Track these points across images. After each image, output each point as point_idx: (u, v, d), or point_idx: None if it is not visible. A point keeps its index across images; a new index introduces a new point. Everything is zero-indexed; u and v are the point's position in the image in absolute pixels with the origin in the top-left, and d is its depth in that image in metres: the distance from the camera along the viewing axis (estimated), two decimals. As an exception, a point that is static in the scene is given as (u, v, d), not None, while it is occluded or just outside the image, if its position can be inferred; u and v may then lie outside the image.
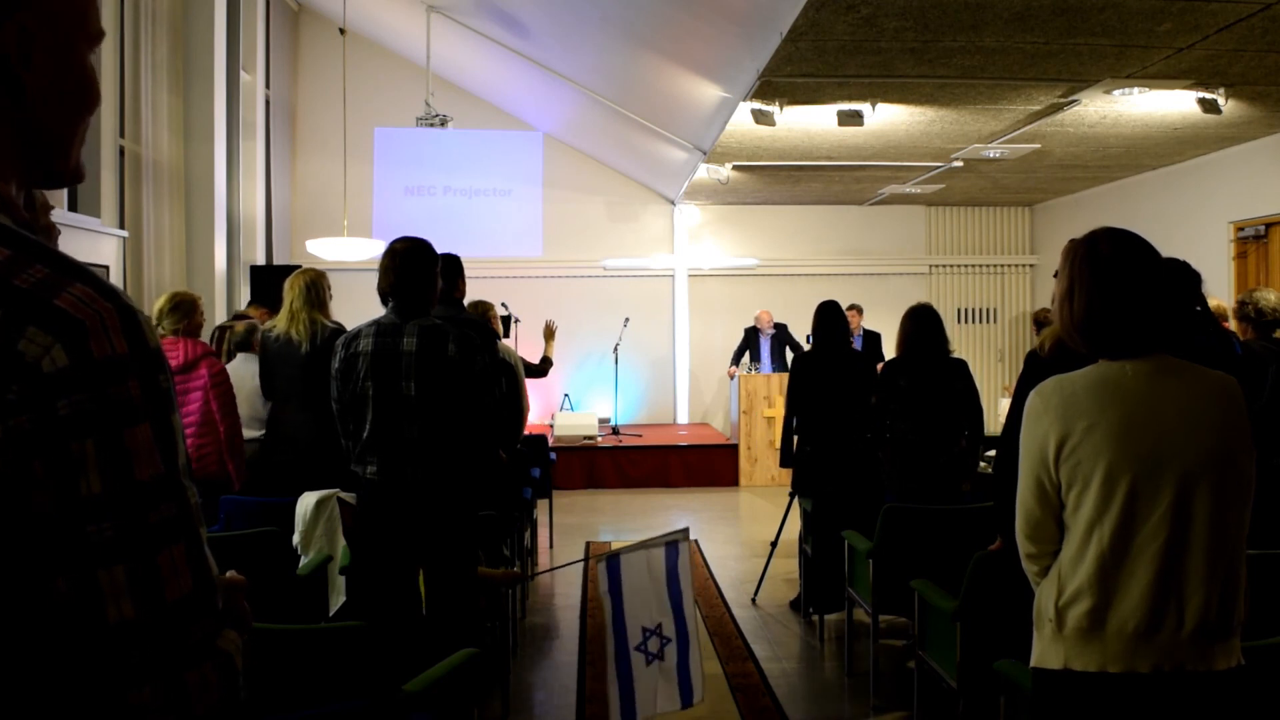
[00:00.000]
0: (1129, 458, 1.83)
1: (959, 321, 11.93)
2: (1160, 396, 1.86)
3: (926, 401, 4.70)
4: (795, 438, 5.41)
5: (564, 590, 6.07)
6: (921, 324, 4.76)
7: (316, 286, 4.46)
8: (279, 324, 4.44)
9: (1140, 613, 1.82)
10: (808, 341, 5.44)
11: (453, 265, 4.25)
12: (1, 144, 0.92)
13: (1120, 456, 1.83)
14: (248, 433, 4.95)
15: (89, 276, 0.87)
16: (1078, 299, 1.94)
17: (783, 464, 5.65)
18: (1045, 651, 1.92)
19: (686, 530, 2.93)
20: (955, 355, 4.90)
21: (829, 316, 5.37)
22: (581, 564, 6.39)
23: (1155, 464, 1.83)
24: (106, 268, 6.69)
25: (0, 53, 0.89)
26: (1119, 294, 1.89)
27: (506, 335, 7.98)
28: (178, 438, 0.90)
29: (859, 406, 5.22)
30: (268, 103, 9.95)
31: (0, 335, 0.81)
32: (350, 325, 3.58)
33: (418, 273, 3.33)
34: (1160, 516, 1.82)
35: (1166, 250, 2.10)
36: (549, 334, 6.86)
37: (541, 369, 6.45)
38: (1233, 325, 5.09)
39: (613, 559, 2.78)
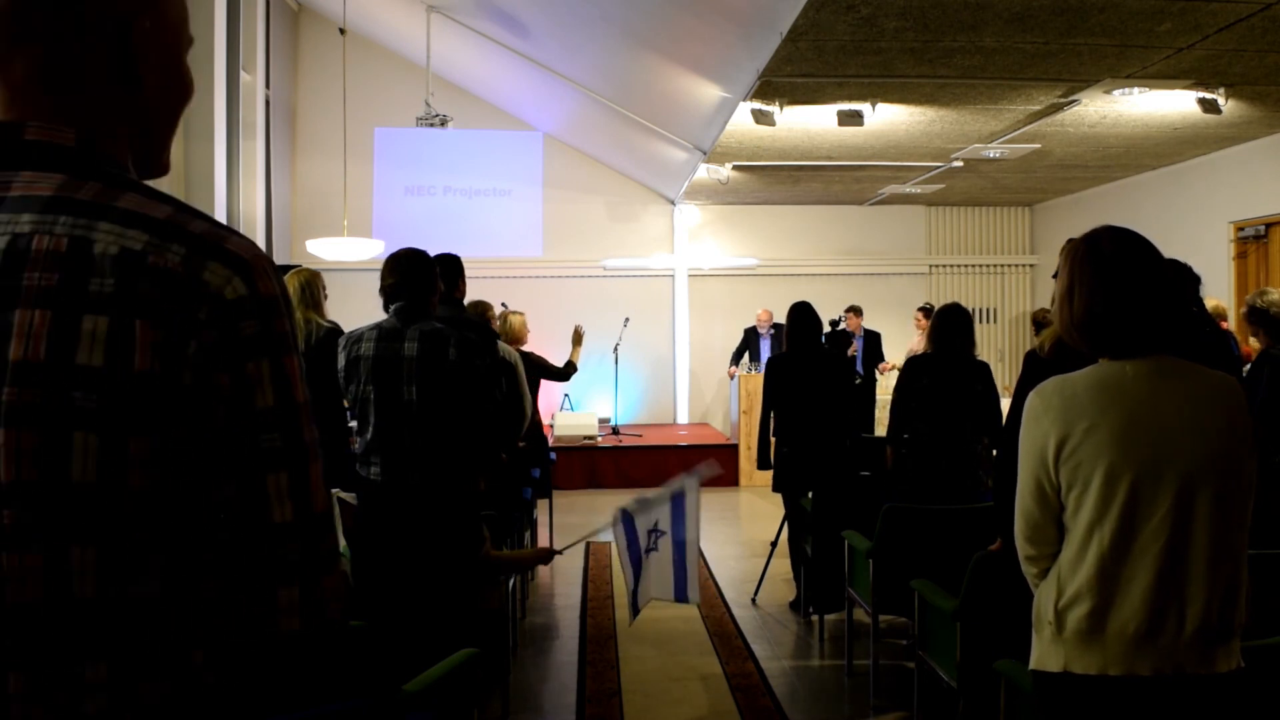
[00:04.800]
0: (1130, 459, 1.81)
1: (959, 321, 11.91)
2: (1161, 398, 1.85)
3: (946, 402, 4.70)
4: (773, 439, 5.45)
5: (564, 590, 6.07)
6: (950, 324, 4.73)
7: (311, 286, 4.47)
8: None
9: (1141, 615, 1.80)
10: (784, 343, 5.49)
11: (453, 265, 4.25)
12: (120, 132, 1.04)
13: (1121, 458, 1.82)
14: None
15: (240, 232, 1.02)
16: (1078, 297, 1.92)
17: (760, 466, 5.69)
18: (1045, 654, 1.90)
19: (698, 474, 2.98)
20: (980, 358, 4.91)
21: (801, 317, 5.41)
22: (606, 535, 6.39)
23: (1156, 466, 1.81)
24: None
25: (129, 50, 1.02)
26: (1120, 292, 1.87)
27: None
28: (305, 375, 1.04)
29: (834, 407, 5.26)
30: (268, 103, 9.94)
31: (186, 268, 0.95)
32: (348, 326, 3.59)
33: (419, 277, 3.35)
34: (1161, 519, 1.81)
35: (1167, 250, 2.09)
36: (578, 339, 6.76)
37: (565, 373, 6.39)
38: (1232, 325, 5.08)
39: (627, 517, 2.89)
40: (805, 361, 5.35)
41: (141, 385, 0.92)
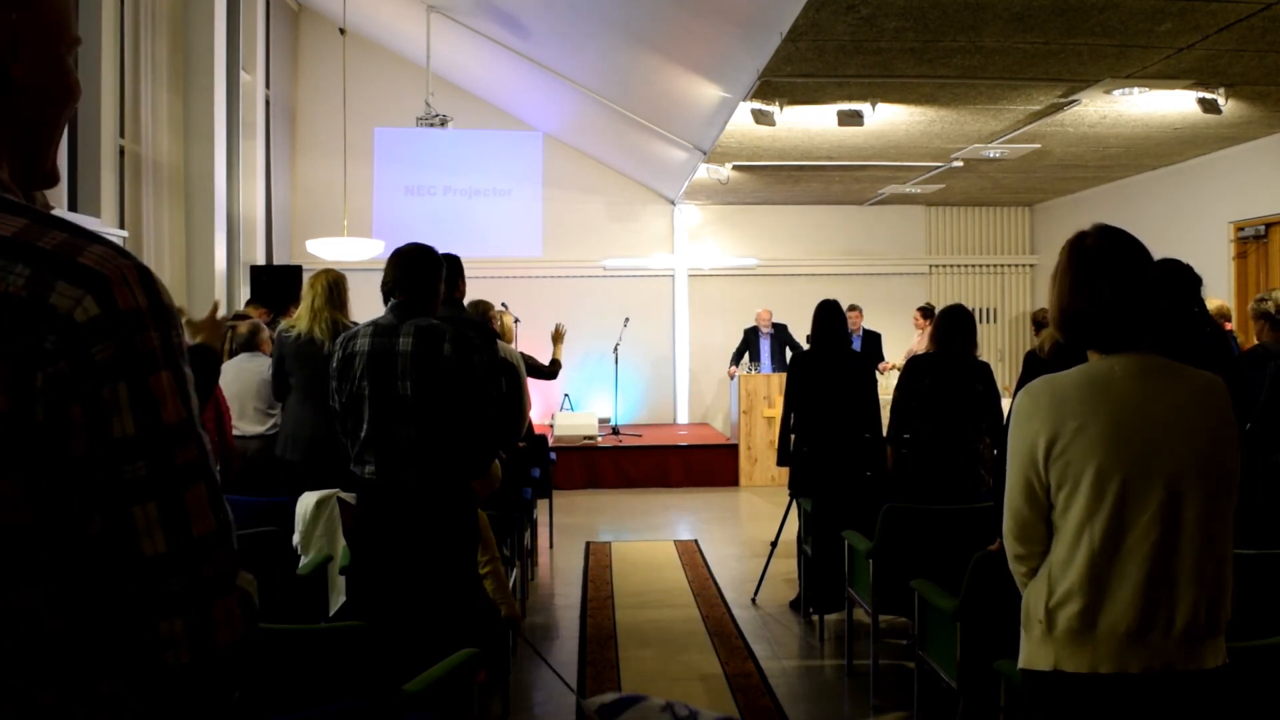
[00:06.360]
0: (1119, 459, 1.83)
1: (959, 321, 11.91)
2: (1149, 397, 1.86)
3: (947, 402, 4.69)
4: (793, 436, 5.42)
5: (564, 590, 6.07)
6: (953, 324, 4.73)
7: (338, 287, 4.52)
8: (300, 323, 4.47)
9: (1132, 613, 1.82)
10: (808, 342, 5.46)
11: (453, 266, 4.25)
12: None
13: (1110, 457, 1.83)
14: (250, 429, 5.04)
15: (104, 239, 0.93)
16: (1058, 290, 1.96)
17: (780, 462, 5.68)
18: (1034, 653, 1.92)
19: None
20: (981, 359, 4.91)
21: (828, 316, 5.36)
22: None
23: (1145, 465, 1.83)
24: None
25: None
26: (1096, 286, 1.89)
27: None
28: (191, 388, 0.97)
29: (857, 407, 5.23)
30: (268, 103, 9.95)
31: (31, 291, 0.87)
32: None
33: (419, 274, 3.33)
34: (1150, 517, 1.82)
35: (1166, 250, 2.10)
36: (558, 337, 6.82)
37: (551, 371, 6.46)
38: (1234, 325, 5.10)
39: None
40: (830, 361, 5.30)
41: None
